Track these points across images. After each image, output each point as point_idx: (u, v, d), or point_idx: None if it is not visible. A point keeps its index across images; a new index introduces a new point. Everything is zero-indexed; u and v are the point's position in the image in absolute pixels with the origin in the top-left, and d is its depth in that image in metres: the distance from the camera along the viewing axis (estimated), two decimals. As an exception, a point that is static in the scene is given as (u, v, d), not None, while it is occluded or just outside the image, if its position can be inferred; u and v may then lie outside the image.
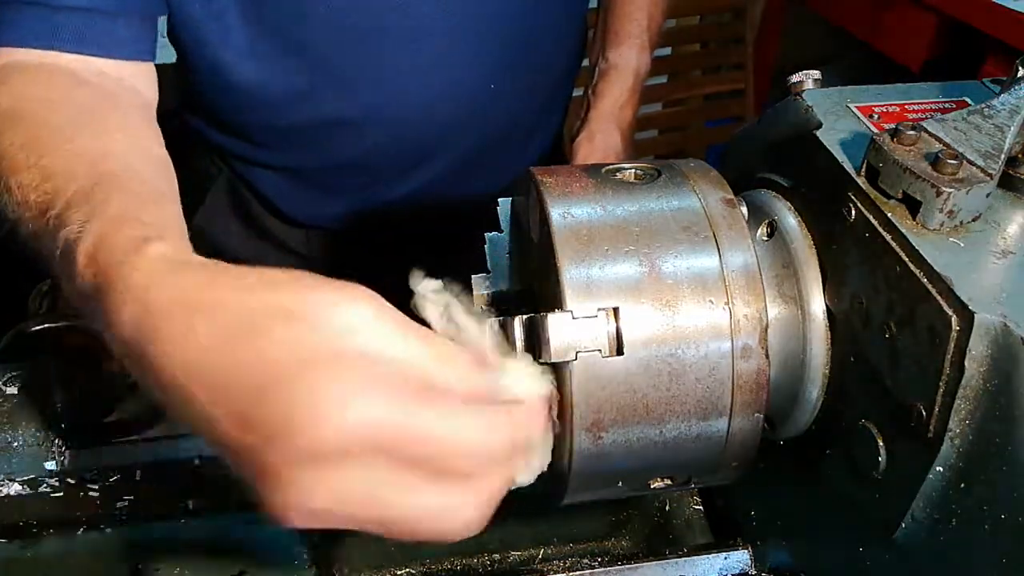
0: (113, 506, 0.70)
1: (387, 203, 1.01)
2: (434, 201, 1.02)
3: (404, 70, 0.88)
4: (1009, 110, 0.48)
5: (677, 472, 0.50)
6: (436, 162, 0.98)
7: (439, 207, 1.02)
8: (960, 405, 0.41)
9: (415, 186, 1.00)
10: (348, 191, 1.02)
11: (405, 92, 0.90)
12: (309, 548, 0.73)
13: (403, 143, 0.95)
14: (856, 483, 0.49)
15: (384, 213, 1.03)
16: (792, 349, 0.52)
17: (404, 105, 0.91)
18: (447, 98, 0.92)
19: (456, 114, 0.94)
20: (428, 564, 0.80)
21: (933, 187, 0.43)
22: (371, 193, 1.01)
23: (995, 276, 0.43)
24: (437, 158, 0.98)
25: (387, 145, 0.94)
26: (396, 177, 0.99)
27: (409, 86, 0.89)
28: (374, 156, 0.96)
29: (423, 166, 0.98)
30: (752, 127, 0.61)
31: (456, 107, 0.93)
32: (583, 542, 0.83)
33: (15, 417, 0.73)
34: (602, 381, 0.44)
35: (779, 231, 0.54)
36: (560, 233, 0.46)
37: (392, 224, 1.04)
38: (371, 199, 1.01)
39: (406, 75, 0.89)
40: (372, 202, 1.02)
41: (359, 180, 1.00)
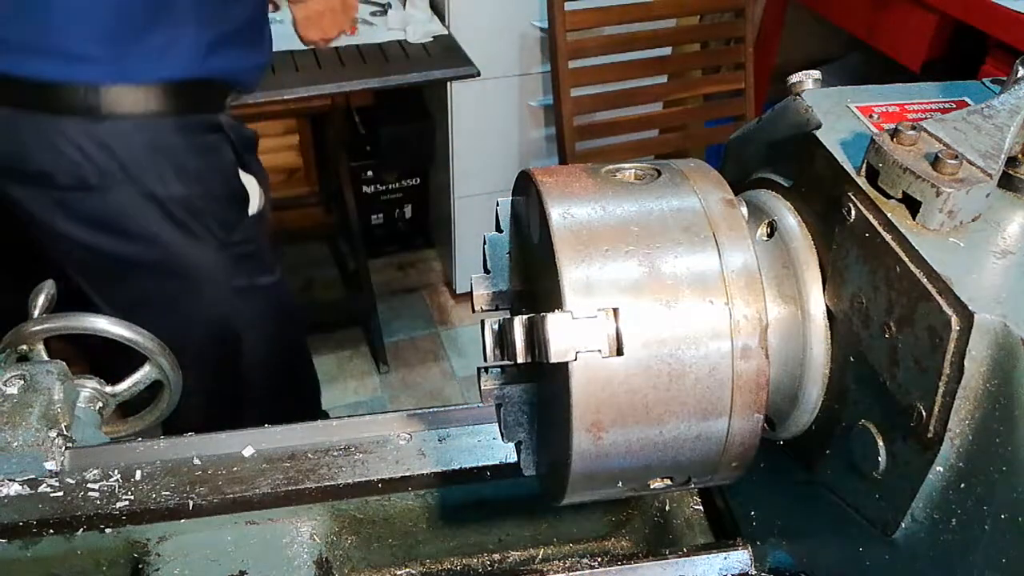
0: (113, 506, 0.70)
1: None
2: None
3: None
4: (1009, 110, 0.47)
5: (677, 472, 0.50)
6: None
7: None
8: (960, 405, 0.41)
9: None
10: None
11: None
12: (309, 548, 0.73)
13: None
14: (856, 483, 0.50)
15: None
16: (792, 349, 0.52)
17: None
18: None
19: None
20: (428, 564, 0.81)
21: (933, 187, 0.43)
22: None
23: (995, 276, 0.43)
24: None
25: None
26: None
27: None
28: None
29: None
30: (752, 127, 0.61)
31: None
32: (583, 542, 0.83)
33: (15, 417, 0.73)
34: (602, 381, 0.44)
35: (779, 231, 0.54)
36: (560, 233, 0.46)
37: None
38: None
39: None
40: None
41: None
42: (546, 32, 2.38)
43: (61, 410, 0.76)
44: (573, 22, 2.32)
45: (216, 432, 0.77)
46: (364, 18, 2.36)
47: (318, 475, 0.73)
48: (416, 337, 2.83)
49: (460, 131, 2.54)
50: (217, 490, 0.72)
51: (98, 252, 1.39)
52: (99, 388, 0.89)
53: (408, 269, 3.11)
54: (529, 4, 2.40)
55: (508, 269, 0.57)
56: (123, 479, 0.73)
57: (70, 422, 0.77)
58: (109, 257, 1.40)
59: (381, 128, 2.69)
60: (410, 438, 0.76)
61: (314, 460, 0.74)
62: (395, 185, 2.93)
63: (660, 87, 2.59)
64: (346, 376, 2.66)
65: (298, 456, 0.75)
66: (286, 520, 0.74)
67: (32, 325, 0.88)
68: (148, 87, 1.29)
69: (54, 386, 0.77)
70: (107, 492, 0.72)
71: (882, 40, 2.35)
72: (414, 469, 0.73)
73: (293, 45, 2.20)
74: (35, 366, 0.79)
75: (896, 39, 2.30)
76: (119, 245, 1.38)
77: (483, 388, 0.54)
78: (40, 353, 0.89)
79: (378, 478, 0.73)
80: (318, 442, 0.76)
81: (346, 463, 0.74)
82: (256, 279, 1.53)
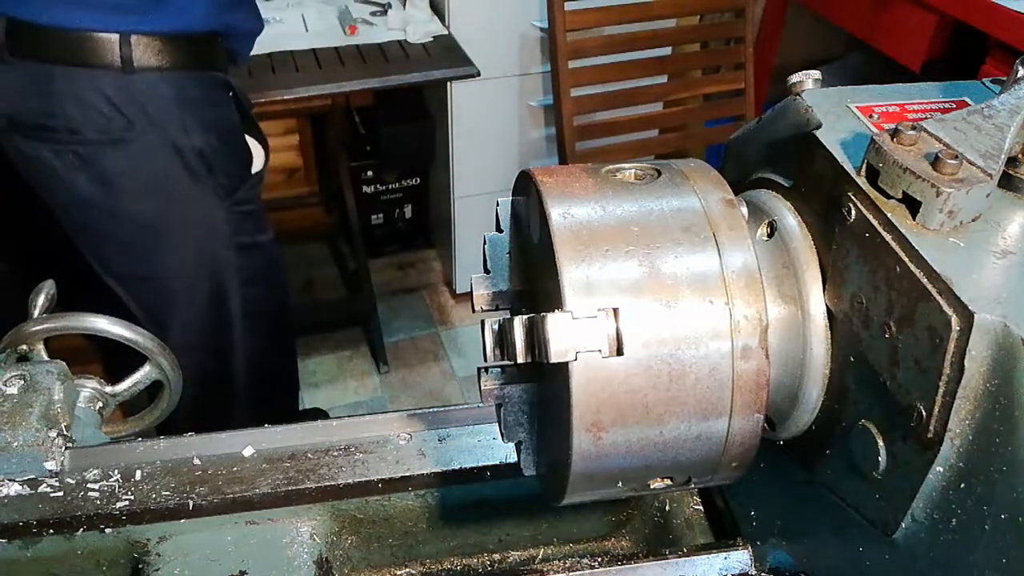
0: (113, 506, 0.70)
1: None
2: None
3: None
4: (1009, 110, 0.47)
5: (677, 472, 0.50)
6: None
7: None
8: (960, 405, 0.41)
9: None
10: None
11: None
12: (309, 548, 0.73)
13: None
14: (856, 483, 0.49)
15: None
16: (792, 349, 0.52)
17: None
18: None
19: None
20: (428, 564, 0.81)
21: (933, 187, 0.43)
22: None
23: (995, 276, 0.43)
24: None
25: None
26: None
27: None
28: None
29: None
30: (752, 127, 0.61)
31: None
32: (583, 542, 0.83)
33: (15, 417, 0.73)
34: (602, 381, 0.44)
35: (779, 231, 0.54)
36: (560, 233, 0.46)
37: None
38: None
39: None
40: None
41: None
42: (546, 32, 2.38)
43: (61, 410, 0.76)
44: (573, 22, 2.32)
45: (216, 432, 0.77)
46: (364, 18, 2.36)
47: (318, 475, 0.73)
48: (416, 337, 2.83)
49: (460, 131, 2.54)
50: (217, 490, 0.72)
51: (115, 214, 1.44)
52: (99, 388, 0.89)
53: (408, 269, 3.11)
54: (529, 4, 2.40)
55: (508, 269, 0.57)
56: (123, 479, 0.73)
57: (70, 422, 0.77)
58: (126, 219, 1.45)
59: (381, 128, 2.69)
60: (410, 438, 0.76)
61: (314, 460, 0.74)
62: (395, 185, 2.93)
63: (660, 87, 2.59)
64: (346, 376, 2.66)
65: (298, 456, 0.75)
66: (286, 520, 0.74)
67: (32, 325, 0.88)
68: (174, 38, 1.36)
69: (54, 386, 0.77)
70: (107, 492, 0.72)
71: (882, 40, 2.35)
72: (414, 469, 0.73)
73: (293, 45, 2.21)
74: (35, 366, 0.79)
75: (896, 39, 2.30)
76: (137, 203, 1.44)
77: (483, 388, 0.54)
78: (40, 353, 0.89)
79: (378, 478, 0.73)
80: (318, 442, 0.76)
81: (346, 463, 0.74)
82: (256, 236, 1.61)
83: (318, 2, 2.46)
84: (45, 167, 1.38)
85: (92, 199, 1.41)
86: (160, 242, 1.49)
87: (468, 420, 0.77)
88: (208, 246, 1.54)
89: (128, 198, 1.43)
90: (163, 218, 1.47)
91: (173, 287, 1.53)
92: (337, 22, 2.35)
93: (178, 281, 1.53)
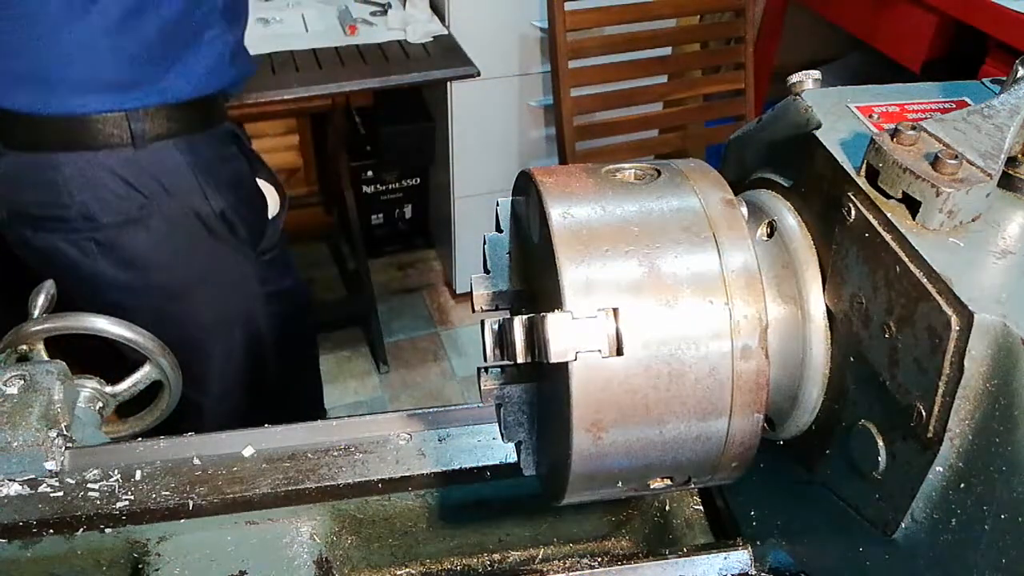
0: (113, 506, 0.70)
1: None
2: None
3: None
4: (1009, 110, 0.47)
5: (677, 472, 0.50)
6: None
7: None
8: (960, 405, 0.41)
9: None
10: None
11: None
12: (309, 548, 0.73)
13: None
14: (856, 483, 0.50)
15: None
16: (792, 349, 0.52)
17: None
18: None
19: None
20: (428, 564, 0.81)
21: (933, 187, 0.43)
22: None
23: (995, 276, 0.43)
24: None
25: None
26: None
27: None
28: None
29: None
30: (752, 127, 0.61)
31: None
32: (583, 542, 0.83)
33: (15, 417, 0.73)
34: (602, 381, 0.44)
35: (779, 231, 0.54)
36: (560, 233, 0.46)
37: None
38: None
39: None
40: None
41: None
42: (546, 32, 2.38)
43: (61, 410, 0.76)
44: (573, 22, 2.32)
45: (216, 432, 0.77)
46: (364, 18, 2.36)
47: (318, 475, 0.73)
48: (416, 337, 2.83)
49: (460, 131, 2.54)
50: (217, 490, 0.72)
51: (143, 291, 1.38)
52: (99, 388, 0.89)
53: (408, 269, 3.11)
54: (529, 4, 2.40)
55: (508, 269, 0.57)
56: (123, 479, 0.73)
57: (70, 422, 0.77)
58: (154, 293, 1.39)
59: (381, 128, 2.69)
60: (410, 438, 0.76)
61: (314, 460, 0.74)
62: (395, 185, 2.93)
63: (660, 87, 2.59)
64: (346, 376, 2.66)
65: (298, 456, 0.75)
66: (286, 520, 0.74)
67: (32, 325, 0.88)
68: (179, 106, 1.30)
69: (54, 386, 0.77)
70: (107, 492, 0.72)
71: (882, 40, 2.35)
72: (414, 469, 0.73)
73: (293, 45, 2.21)
74: (35, 366, 0.79)
75: (896, 39, 2.30)
76: (165, 276, 1.38)
77: (483, 388, 0.54)
78: (40, 353, 0.89)
79: (378, 478, 0.73)
80: (318, 442, 0.76)
81: (346, 463, 0.74)
82: (281, 283, 1.56)
83: (318, 2, 2.46)
84: (63, 257, 1.31)
85: (116, 281, 1.34)
86: (191, 307, 1.44)
87: (468, 420, 0.77)
88: (239, 303, 1.50)
89: (155, 274, 1.37)
90: (191, 285, 1.42)
91: (206, 347, 1.48)
92: (337, 22, 2.35)
93: (211, 340, 1.48)
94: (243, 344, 1.53)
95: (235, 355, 1.53)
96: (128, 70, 1.23)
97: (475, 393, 0.54)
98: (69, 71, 1.20)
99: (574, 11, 2.31)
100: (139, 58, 1.23)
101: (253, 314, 1.52)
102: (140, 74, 1.24)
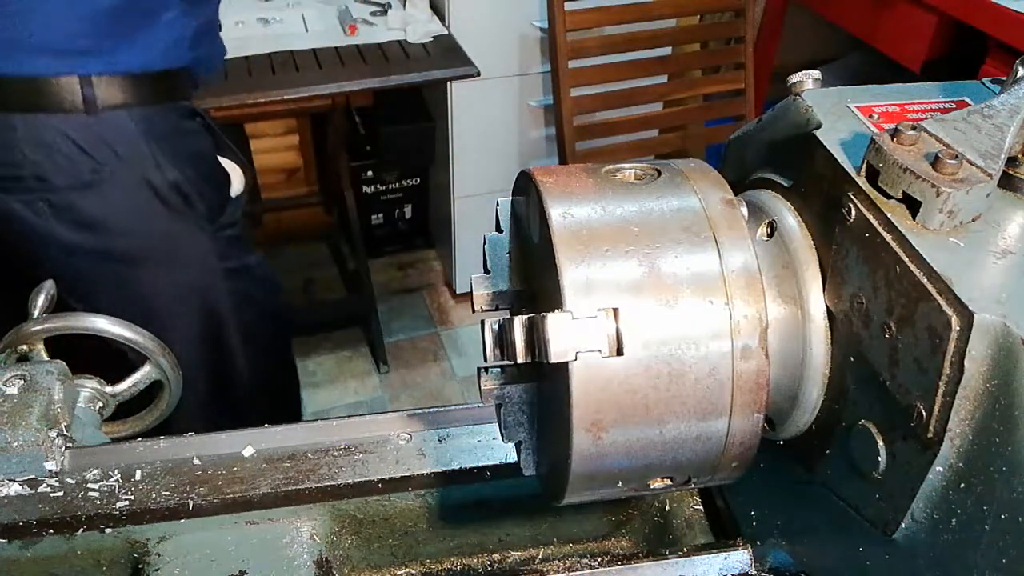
0: (113, 506, 0.70)
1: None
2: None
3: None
4: (1009, 110, 0.47)
5: (677, 472, 0.50)
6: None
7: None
8: (960, 405, 0.41)
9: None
10: None
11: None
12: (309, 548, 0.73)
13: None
14: (856, 483, 0.50)
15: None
16: (792, 349, 0.52)
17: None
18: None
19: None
20: (428, 564, 0.81)
21: (933, 187, 0.43)
22: None
23: (995, 276, 0.43)
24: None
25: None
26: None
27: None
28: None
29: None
30: (752, 127, 0.61)
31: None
32: (583, 542, 0.83)
33: (15, 417, 0.73)
34: (602, 381, 0.44)
35: (779, 231, 0.54)
36: (560, 233, 0.46)
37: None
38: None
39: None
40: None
41: None
42: (546, 32, 2.38)
43: (61, 410, 0.76)
44: (573, 22, 2.32)
45: (216, 432, 0.77)
46: (364, 18, 2.36)
47: (318, 475, 0.73)
48: (416, 337, 2.83)
49: (460, 131, 2.54)
50: (217, 490, 0.72)
51: (101, 257, 1.40)
52: (99, 388, 0.89)
53: (408, 269, 3.11)
54: (529, 4, 2.40)
55: (508, 269, 0.57)
56: (123, 479, 0.73)
57: (70, 422, 0.77)
58: (113, 260, 1.41)
59: (381, 128, 2.69)
60: (410, 438, 0.76)
61: (314, 460, 0.74)
62: (395, 185, 2.93)
63: (660, 87, 2.59)
64: (346, 376, 2.66)
65: (298, 456, 0.75)
66: (286, 520, 0.74)
67: (32, 325, 0.88)
68: (136, 77, 1.33)
69: (54, 386, 0.77)
70: (107, 492, 0.72)
71: (882, 40, 2.35)
72: (414, 469, 0.73)
73: (293, 45, 2.21)
74: (35, 366, 0.79)
75: (896, 39, 2.30)
76: (122, 243, 1.40)
77: (483, 388, 0.54)
78: (40, 353, 0.89)
79: (378, 478, 0.73)
80: (318, 442, 0.76)
81: (346, 463, 0.74)
82: (244, 259, 1.59)
83: (318, 2, 2.46)
84: (18, 219, 1.34)
85: (72, 244, 1.37)
86: (150, 279, 1.47)
87: (468, 420, 0.77)
88: (198, 276, 1.52)
89: (109, 239, 1.39)
90: (147, 252, 1.44)
91: (168, 323, 1.50)
92: (337, 22, 2.35)
93: (173, 315, 1.50)
94: (204, 319, 1.55)
95: (196, 330, 1.55)
96: (81, 38, 1.26)
97: (475, 393, 0.54)
98: (24, 32, 1.24)
99: (574, 11, 2.31)
100: (92, 29, 1.27)
101: (213, 289, 1.54)
102: (93, 44, 1.28)
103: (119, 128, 1.32)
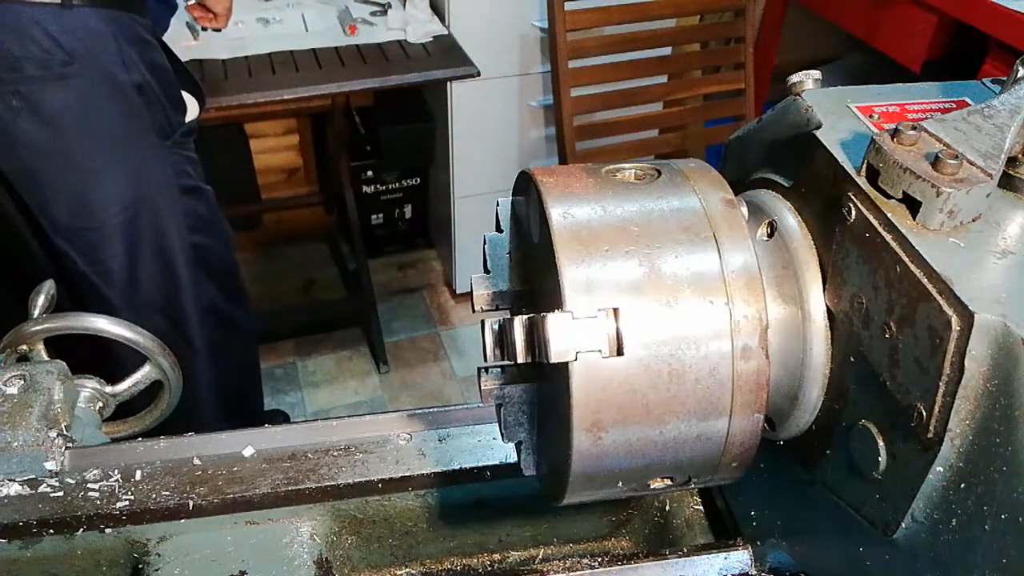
0: (113, 506, 0.70)
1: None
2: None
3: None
4: (1009, 110, 0.47)
5: (677, 472, 0.50)
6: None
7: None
8: (960, 405, 0.41)
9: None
10: None
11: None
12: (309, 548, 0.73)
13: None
14: (856, 483, 0.49)
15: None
16: (792, 349, 0.52)
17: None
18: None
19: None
20: (428, 564, 0.81)
21: (933, 187, 0.43)
22: None
23: (995, 276, 0.43)
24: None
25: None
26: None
27: None
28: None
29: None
30: (752, 127, 0.61)
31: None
32: (583, 542, 0.83)
33: (15, 417, 0.73)
34: (602, 381, 0.44)
35: (779, 231, 0.54)
36: (560, 233, 0.46)
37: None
38: None
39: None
40: None
41: None
42: (546, 32, 2.38)
43: (61, 410, 0.76)
44: (573, 22, 2.32)
45: (216, 432, 0.77)
46: (364, 18, 2.36)
47: (318, 475, 0.73)
48: (416, 337, 2.83)
49: (460, 131, 2.54)
50: (217, 490, 0.72)
51: (59, 157, 1.46)
52: (99, 388, 0.89)
53: (408, 269, 3.11)
54: (529, 4, 2.40)
55: (508, 269, 0.57)
56: (123, 479, 0.73)
57: (70, 422, 0.77)
58: (69, 162, 1.47)
59: (381, 128, 2.69)
60: (410, 438, 0.76)
61: (314, 460, 0.74)
62: (395, 185, 2.93)
63: (660, 87, 2.59)
64: (346, 376, 2.66)
65: (298, 456, 0.75)
66: (286, 520, 0.74)
67: (32, 325, 0.88)
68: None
69: (54, 386, 0.77)
70: (107, 492, 0.72)
71: (882, 40, 2.35)
72: (414, 469, 0.73)
73: (293, 45, 2.21)
74: (35, 366, 0.79)
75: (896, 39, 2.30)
76: (79, 142, 1.47)
77: (483, 388, 0.54)
78: (40, 353, 0.89)
79: (378, 478, 0.73)
80: (318, 442, 0.76)
81: (346, 463, 0.74)
82: (198, 181, 1.68)
83: (318, 2, 2.46)
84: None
85: (34, 142, 1.43)
86: (103, 185, 1.52)
87: (468, 420, 0.77)
88: (150, 185, 1.58)
89: (70, 137, 1.45)
90: (105, 157, 1.50)
91: (117, 232, 1.56)
92: (337, 22, 2.35)
93: (122, 225, 1.56)
94: (153, 238, 1.60)
95: (144, 247, 1.60)
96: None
97: (475, 393, 0.54)
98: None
99: (574, 11, 2.31)
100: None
101: (163, 203, 1.60)
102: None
103: (91, 24, 1.40)
